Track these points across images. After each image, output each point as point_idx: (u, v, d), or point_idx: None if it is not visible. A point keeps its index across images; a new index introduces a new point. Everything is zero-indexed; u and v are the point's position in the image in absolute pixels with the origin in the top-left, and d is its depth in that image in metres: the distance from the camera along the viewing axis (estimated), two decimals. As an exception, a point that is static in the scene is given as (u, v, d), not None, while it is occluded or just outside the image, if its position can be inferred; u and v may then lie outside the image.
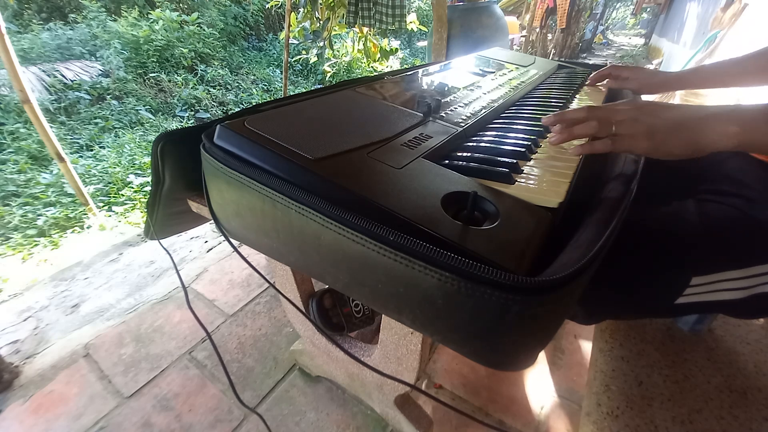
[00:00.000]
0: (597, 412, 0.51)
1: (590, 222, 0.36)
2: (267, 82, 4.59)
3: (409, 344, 0.61)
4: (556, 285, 0.26)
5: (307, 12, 2.79)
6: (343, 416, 0.90)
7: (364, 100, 0.59)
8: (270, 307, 1.22)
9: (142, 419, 0.90)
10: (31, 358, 1.06)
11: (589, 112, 0.44)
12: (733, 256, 0.43)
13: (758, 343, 0.60)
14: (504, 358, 0.33)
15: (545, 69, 0.99)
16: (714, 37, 2.93)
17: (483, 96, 0.69)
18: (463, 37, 2.87)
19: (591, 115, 0.44)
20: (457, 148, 0.51)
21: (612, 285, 0.43)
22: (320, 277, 0.42)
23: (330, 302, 0.77)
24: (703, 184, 0.52)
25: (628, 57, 7.13)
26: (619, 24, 14.68)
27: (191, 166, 0.51)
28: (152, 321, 1.17)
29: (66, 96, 3.19)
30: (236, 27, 5.26)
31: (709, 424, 0.48)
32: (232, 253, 1.47)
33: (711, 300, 0.43)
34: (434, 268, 0.28)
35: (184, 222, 0.67)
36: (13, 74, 1.41)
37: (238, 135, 0.42)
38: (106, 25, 4.08)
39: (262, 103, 0.56)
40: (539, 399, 0.93)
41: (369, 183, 0.37)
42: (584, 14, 6.49)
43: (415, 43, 6.71)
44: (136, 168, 2.45)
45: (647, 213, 0.46)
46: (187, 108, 3.70)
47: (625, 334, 0.61)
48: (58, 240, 1.70)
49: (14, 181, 2.17)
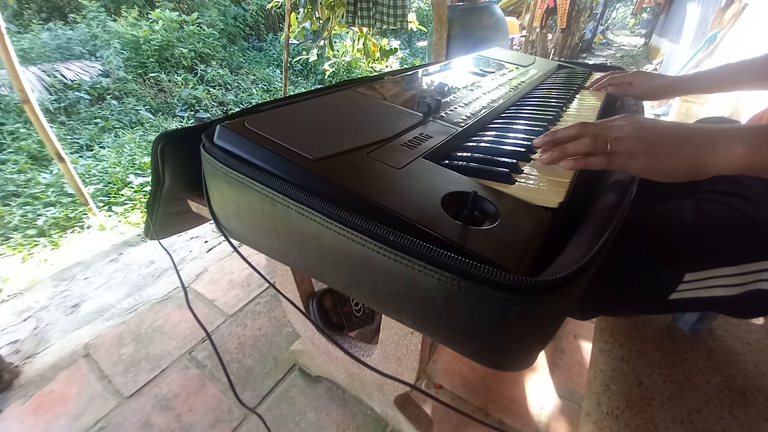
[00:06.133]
0: (597, 412, 0.51)
1: (590, 222, 0.36)
2: (267, 82, 4.58)
3: (409, 344, 0.61)
4: (556, 285, 0.26)
5: (307, 12, 2.79)
6: (343, 416, 0.90)
7: (364, 100, 0.59)
8: (270, 307, 1.22)
9: (142, 419, 0.90)
10: (31, 358, 1.06)
11: (582, 129, 0.41)
12: (726, 252, 0.43)
13: (758, 343, 0.60)
14: (504, 358, 0.33)
15: (545, 69, 0.99)
16: (714, 37, 2.93)
17: (483, 96, 0.69)
18: (463, 37, 2.87)
19: (584, 131, 0.41)
20: (457, 148, 0.51)
21: (606, 280, 0.43)
22: (320, 277, 0.42)
23: (330, 302, 0.77)
24: (702, 184, 0.52)
25: (628, 57, 7.13)
26: (619, 24, 14.68)
27: (191, 166, 0.51)
28: (152, 321, 1.17)
29: (66, 96, 3.18)
30: (236, 27, 5.26)
31: (709, 424, 0.48)
32: (232, 253, 1.47)
33: (704, 296, 0.44)
34: (434, 268, 0.28)
35: (184, 222, 0.67)
36: (13, 74, 1.41)
37: (238, 135, 0.42)
38: (106, 25, 4.08)
39: (262, 103, 0.56)
40: (539, 399, 0.93)
41: (369, 183, 0.37)
42: (584, 14, 6.49)
43: (415, 43, 6.71)
44: (136, 168, 2.45)
45: (645, 211, 0.46)
46: (187, 108, 3.70)
47: (625, 334, 0.61)
48: (58, 240, 1.70)
49: (14, 181, 2.17)
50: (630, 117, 0.41)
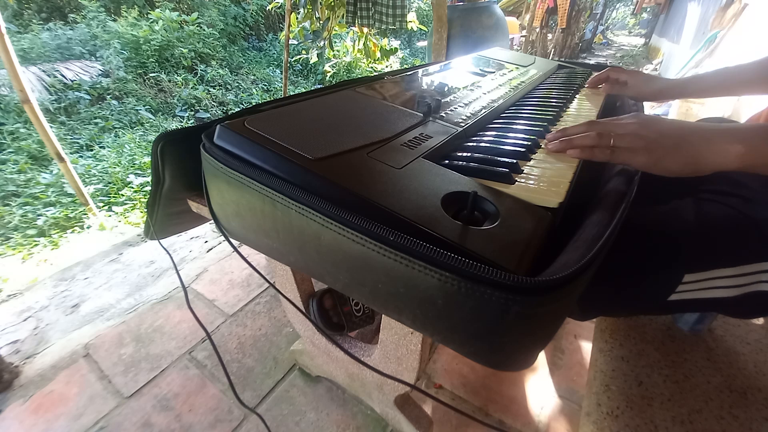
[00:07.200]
0: (597, 412, 0.51)
1: (590, 222, 0.36)
2: (267, 82, 4.59)
3: (409, 344, 0.61)
4: (556, 285, 0.26)
5: (307, 12, 2.79)
6: (343, 416, 0.90)
7: (364, 100, 0.59)
8: (270, 307, 1.22)
9: (142, 419, 0.90)
10: (31, 358, 1.06)
11: (590, 126, 0.45)
12: (726, 253, 0.43)
13: (758, 343, 0.60)
14: (504, 358, 0.33)
15: (545, 69, 0.99)
16: (714, 37, 2.93)
17: (483, 96, 0.69)
18: (463, 37, 2.87)
19: (592, 127, 0.45)
20: (457, 148, 0.51)
21: (606, 281, 0.43)
22: (320, 277, 0.42)
23: (330, 302, 0.77)
24: (703, 184, 0.52)
25: (628, 57, 7.13)
26: (619, 24, 14.68)
27: (191, 166, 0.51)
28: (152, 321, 1.17)
29: (66, 96, 3.18)
30: (236, 27, 5.26)
31: (709, 424, 0.48)
32: (232, 253, 1.47)
33: (704, 297, 0.44)
34: (434, 268, 0.28)
35: (184, 222, 0.67)
36: (13, 74, 1.41)
37: (238, 135, 0.42)
38: (106, 25, 4.08)
39: (262, 103, 0.56)
40: (539, 399, 0.93)
41: (369, 183, 0.37)
42: (584, 14, 6.49)
43: (415, 43, 6.71)
44: (136, 168, 2.45)
45: (645, 212, 0.46)
46: (187, 108, 3.70)
47: (625, 334, 0.61)
48: (58, 240, 1.71)
49: (14, 181, 2.17)
50: (636, 116, 0.44)
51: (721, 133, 0.39)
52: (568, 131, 0.47)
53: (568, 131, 0.47)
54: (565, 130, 0.48)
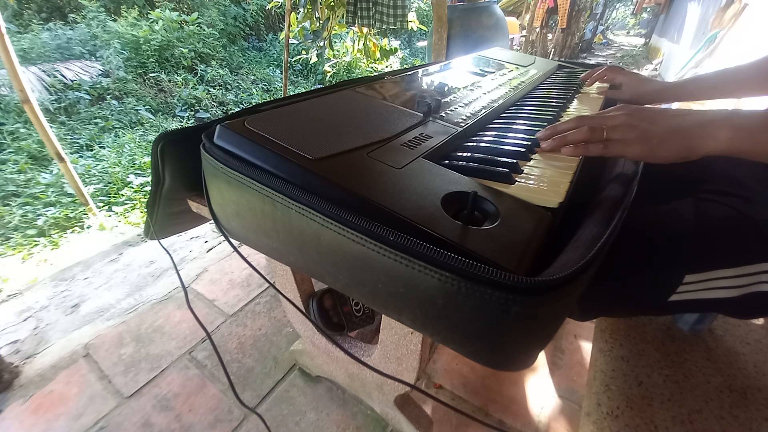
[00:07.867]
0: (597, 412, 0.51)
1: (590, 222, 0.36)
2: (267, 82, 4.59)
3: (409, 344, 0.61)
4: (556, 285, 0.26)
5: (307, 12, 2.79)
6: (343, 416, 0.90)
7: (363, 100, 0.59)
8: (270, 307, 1.22)
9: (142, 419, 0.90)
10: (31, 358, 1.06)
11: (580, 120, 0.45)
12: (727, 254, 0.43)
13: (758, 343, 0.60)
14: (504, 358, 0.33)
15: (545, 69, 0.99)
16: (714, 37, 2.93)
17: (483, 96, 0.69)
18: (463, 37, 2.87)
19: (582, 122, 0.45)
20: (457, 148, 0.51)
21: (606, 281, 0.43)
22: (320, 277, 0.42)
23: (330, 302, 0.77)
24: (704, 184, 0.52)
25: (628, 57, 7.13)
26: (619, 24, 14.68)
27: (191, 166, 0.51)
28: (152, 321, 1.17)
29: (66, 96, 3.18)
30: (236, 27, 5.26)
31: (709, 424, 0.48)
32: (232, 253, 1.47)
33: (705, 298, 0.43)
34: (434, 268, 0.28)
35: (184, 222, 0.67)
36: (13, 74, 1.41)
37: (238, 135, 0.42)
38: (106, 25, 4.08)
39: (262, 103, 0.56)
40: (539, 399, 0.93)
41: (369, 183, 0.37)
42: (584, 14, 6.49)
43: (415, 43, 6.71)
44: (136, 168, 2.45)
45: (645, 212, 0.46)
46: (187, 108, 3.70)
47: (625, 334, 0.61)
48: (58, 240, 1.70)
49: (14, 181, 2.17)
50: (625, 107, 0.45)
51: (710, 117, 0.39)
52: (559, 128, 0.47)
53: (558, 128, 0.47)
54: (555, 128, 0.48)
